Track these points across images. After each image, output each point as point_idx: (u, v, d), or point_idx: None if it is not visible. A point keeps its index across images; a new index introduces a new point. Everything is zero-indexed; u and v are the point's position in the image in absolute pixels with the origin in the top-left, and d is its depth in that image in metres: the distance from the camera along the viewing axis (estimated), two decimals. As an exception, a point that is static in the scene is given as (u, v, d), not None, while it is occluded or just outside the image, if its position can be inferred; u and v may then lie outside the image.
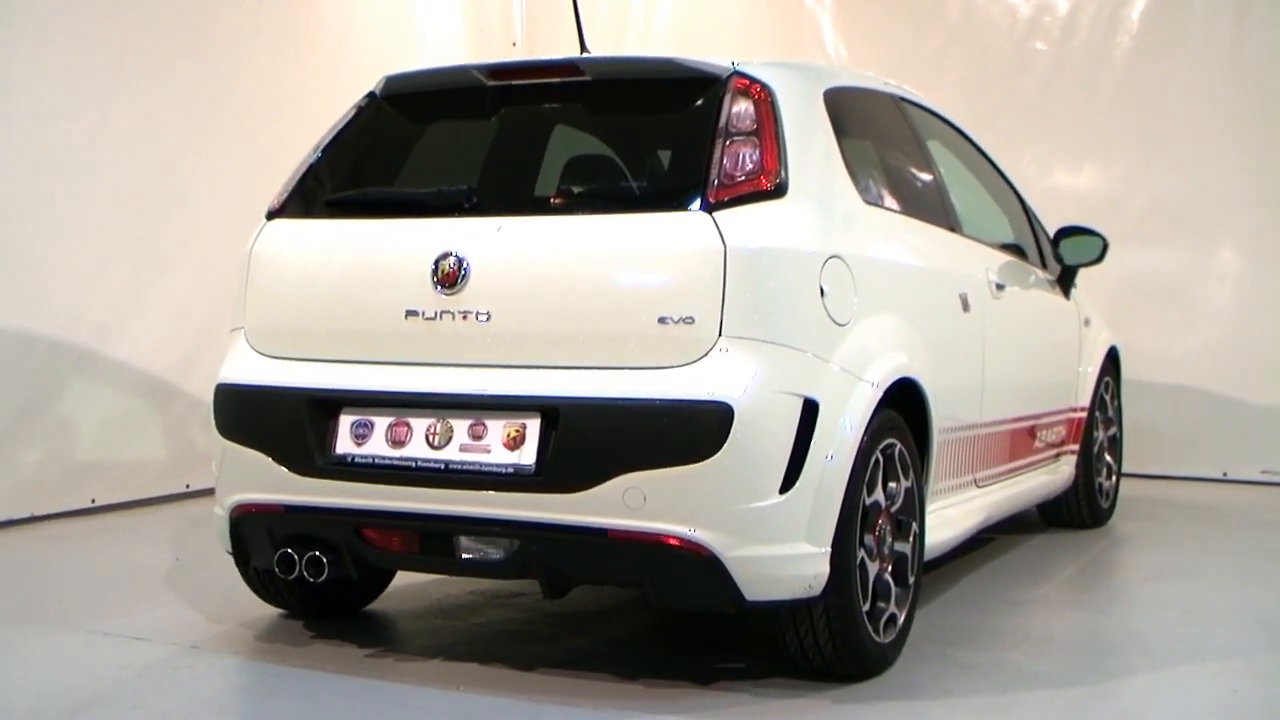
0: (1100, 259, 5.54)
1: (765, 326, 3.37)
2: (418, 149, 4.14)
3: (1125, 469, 6.33)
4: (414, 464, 3.52)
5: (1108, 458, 6.06)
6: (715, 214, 3.42)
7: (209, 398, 3.89)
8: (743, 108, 3.58)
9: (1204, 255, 7.24)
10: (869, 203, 3.96)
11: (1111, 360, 6.05)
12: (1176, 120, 7.26)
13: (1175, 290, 7.27)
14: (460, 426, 3.50)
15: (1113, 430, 6.12)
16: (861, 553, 3.62)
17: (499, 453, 3.44)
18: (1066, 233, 5.55)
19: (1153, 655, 4.03)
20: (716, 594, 3.38)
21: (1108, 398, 6.03)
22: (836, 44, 8.10)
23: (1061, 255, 5.53)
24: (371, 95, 4.10)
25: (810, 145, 3.72)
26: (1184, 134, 7.24)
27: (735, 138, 3.54)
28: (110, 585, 4.83)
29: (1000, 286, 4.76)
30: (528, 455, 3.41)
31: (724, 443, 3.28)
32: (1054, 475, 5.51)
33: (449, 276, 3.55)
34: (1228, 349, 7.15)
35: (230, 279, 4.09)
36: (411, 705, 3.51)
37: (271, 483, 3.69)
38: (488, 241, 3.58)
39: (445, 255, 3.56)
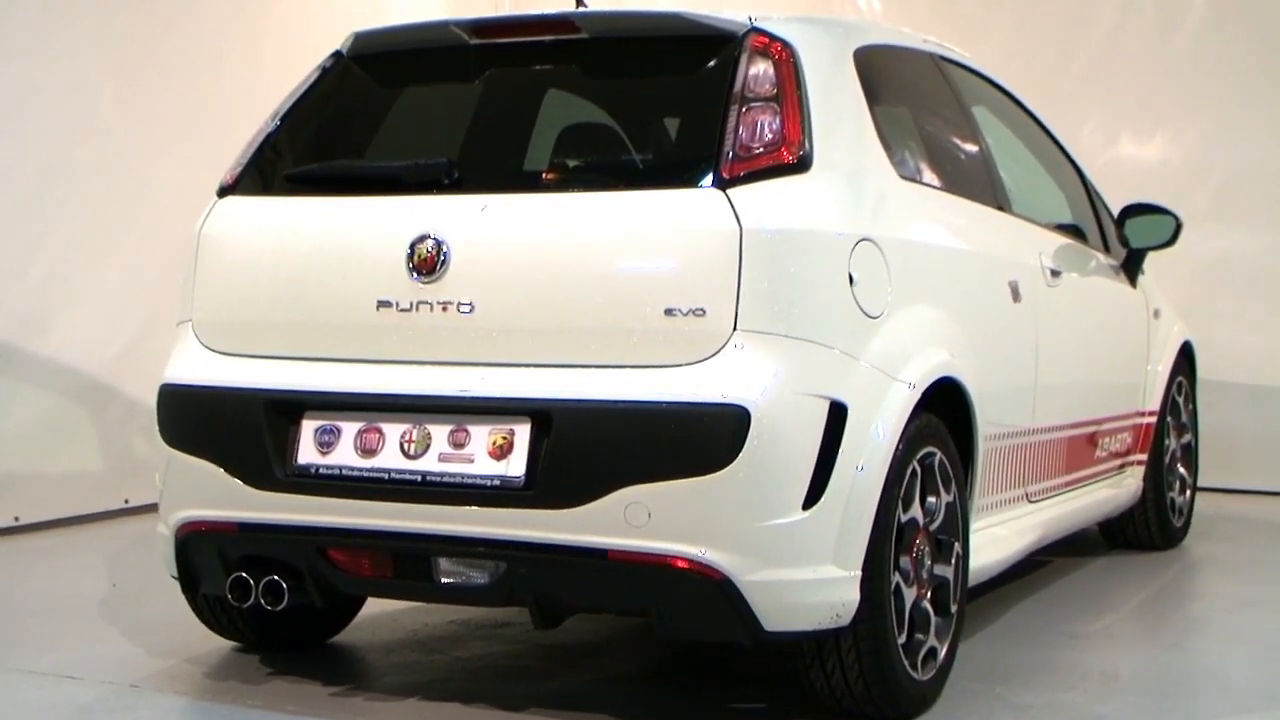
0: (1172, 241, 5.57)
1: (786, 319, 3.41)
2: (391, 117, 4.18)
3: (1201, 482, 6.35)
4: (387, 476, 3.56)
5: (1181, 469, 6.09)
6: (729, 191, 3.46)
7: (151, 400, 3.94)
8: (761, 69, 3.62)
9: (1293, 237, 7.28)
10: (905, 177, 4.00)
11: (1185, 357, 6.08)
12: (1262, 80, 7.28)
13: (1259, 277, 7.30)
14: (439, 433, 3.54)
15: (1187, 438, 6.15)
16: (896, 577, 3.66)
17: (483, 463, 3.48)
18: (1133, 211, 5.58)
19: (1234, 697, 4.06)
20: (731, 623, 3.41)
21: (1180, 400, 6.06)
22: (870, -6, 8.14)
23: (1127, 237, 5.56)
24: (338, 55, 4.14)
25: (838, 112, 3.76)
26: (1270, 96, 7.26)
27: (752, 104, 3.58)
28: (36, 616, 4.86)
29: (1056, 273, 4.80)
30: (516, 466, 3.45)
31: (739, 451, 3.31)
32: (1118, 489, 5.55)
33: (427, 262, 3.59)
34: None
35: (176, 264, 4.13)
36: (384, 750, 3.57)
37: (224, 497, 3.73)
38: (471, 222, 3.62)
39: (422, 238, 3.60)
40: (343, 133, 4.17)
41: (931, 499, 3.83)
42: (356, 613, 4.54)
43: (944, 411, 3.89)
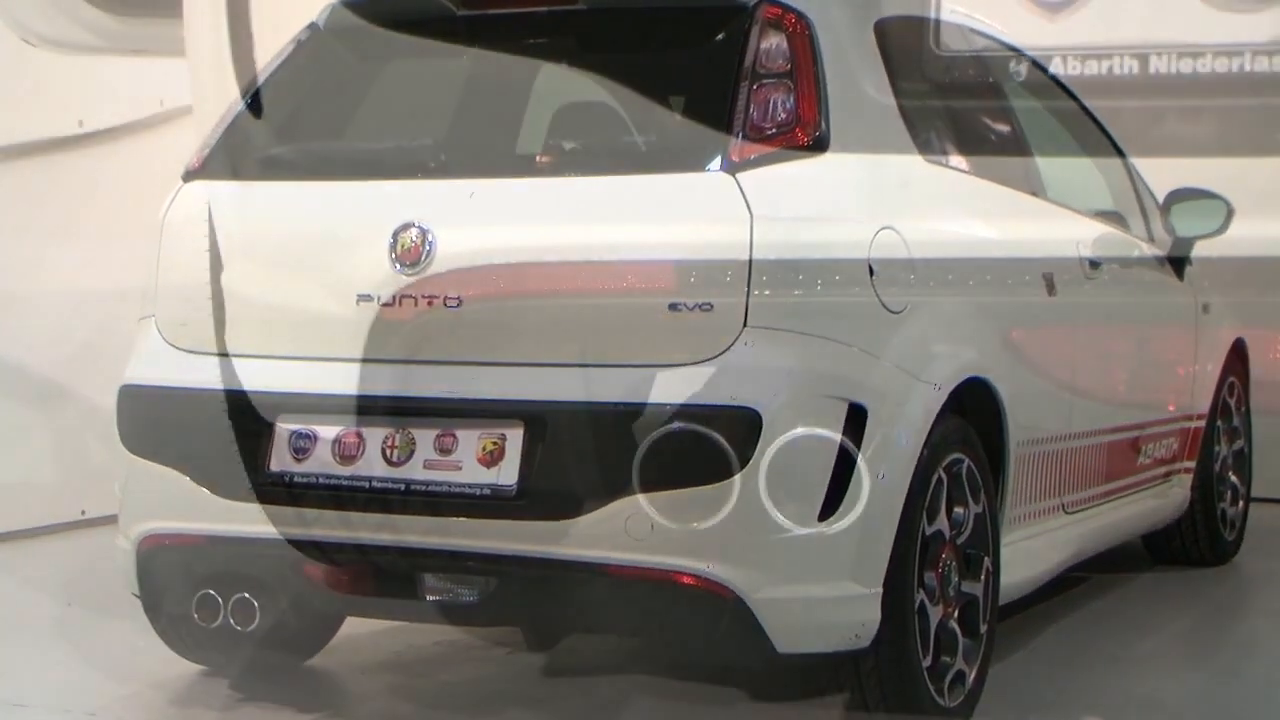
0: (1223, 229, 5.59)
1: (800, 314, 3.44)
2: (372, 95, 4.19)
3: (1255, 492, 6.35)
4: (367, 484, 3.58)
5: (1232, 478, 6.10)
6: (739, 175, 3.48)
7: (111, 402, 3.95)
8: (774, 43, 3.64)
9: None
10: (930, 161, 4.03)
11: (1238, 356, 6.09)
12: (1321, 55, 7.30)
13: (1320, 269, 7.30)
14: (424, 438, 3.56)
15: (1239, 443, 6.16)
16: (921, 595, 3.68)
17: (472, 470, 3.50)
18: (1179, 197, 5.59)
19: (1291, 726, 4.10)
20: (741, 644, 3.44)
21: (1232, 403, 6.06)
22: (893, -39, 8.14)
23: (1173, 225, 5.57)
24: (314, 27, 4.15)
25: (857, 90, 3.78)
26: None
27: (764, 80, 3.59)
28: (-14, 637, 4.90)
29: (1094, 264, 4.82)
30: (507, 473, 3.47)
31: (750, 458, 3.33)
32: (1163, 499, 5.55)
33: (411, 252, 3.60)
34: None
35: (138, 254, 4.15)
36: (364, 782, 3.59)
37: (190, 508, 3.75)
38: (458, 209, 3.64)
39: (406, 226, 3.61)
40: (320, 112, 4.18)
41: (959, 510, 3.85)
42: (334, 633, 4.55)
43: (972, 415, 3.91)
